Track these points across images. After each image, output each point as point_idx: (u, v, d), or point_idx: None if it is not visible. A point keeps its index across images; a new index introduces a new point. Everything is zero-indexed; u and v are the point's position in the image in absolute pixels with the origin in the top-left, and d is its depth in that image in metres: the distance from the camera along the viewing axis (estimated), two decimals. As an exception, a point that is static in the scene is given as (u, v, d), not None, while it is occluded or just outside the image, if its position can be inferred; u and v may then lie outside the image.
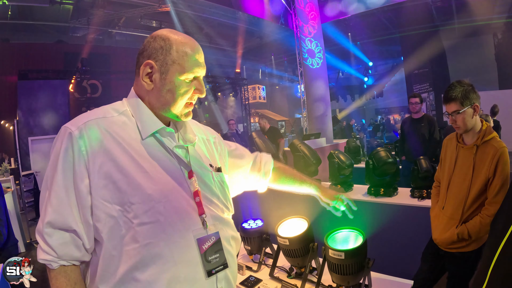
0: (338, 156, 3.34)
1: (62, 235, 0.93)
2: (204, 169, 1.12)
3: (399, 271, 1.81)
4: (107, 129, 0.98)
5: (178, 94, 1.02)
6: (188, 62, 1.02)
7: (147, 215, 0.93)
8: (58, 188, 0.92)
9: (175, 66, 1.01)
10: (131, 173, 0.94)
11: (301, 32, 8.78)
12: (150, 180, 0.96)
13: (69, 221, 0.92)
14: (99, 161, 0.93)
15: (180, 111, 1.05)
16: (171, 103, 1.03)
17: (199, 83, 1.06)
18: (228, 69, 18.61)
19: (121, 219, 0.92)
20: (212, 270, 1.00)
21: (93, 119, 0.98)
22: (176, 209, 0.98)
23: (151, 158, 0.99)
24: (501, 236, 0.69)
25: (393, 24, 14.32)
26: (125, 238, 0.92)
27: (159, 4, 11.74)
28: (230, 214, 1.19)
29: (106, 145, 0.95)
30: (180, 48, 1.02)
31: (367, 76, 19.93)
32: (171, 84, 1.01)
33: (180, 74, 1.01)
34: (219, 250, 1.03)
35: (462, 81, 1.94)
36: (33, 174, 6.44)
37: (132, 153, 0.97)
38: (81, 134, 0.94)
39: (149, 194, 0.94)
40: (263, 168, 1.45)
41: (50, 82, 10.61)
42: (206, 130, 1.31)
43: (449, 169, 2.07)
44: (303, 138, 7.20)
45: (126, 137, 0.99)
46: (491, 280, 0.69)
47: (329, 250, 1.50)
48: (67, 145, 0.93)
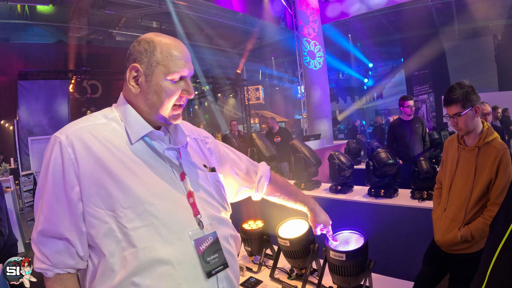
0: (338, 157, 3.34)
1: (55, 243, 0.93)
2: (198, 170, 1.12)
3: (400, 273, 1.81)
4: (96, 135, 0.97)
5: (164, 95, 1.00)
6: (172, 62, 0.99)
7: (140, 219, 0.92)
8: (49, 197, 0.93)
9: (160, 67, 0.99)
10: (122, 177, 0.94)
11: (301, 33, 8.80)
12: (141, 184, 0.95)
13: (61, 229, 0.93)
14: (89, 168, 0.93)
15: (168, 114, 1.03)
16: (158, 105, 1.01)
17: (187, 84, 1.03)
18: (228, 70, 18.62)
19: (114, 225, 0.92)
20: (212, 271, 0.99)
21: (82, 126, 0.99)
22: (169, 211, 0.97)
23: (142, 162, 0.99)
24: (500, 236, 0.69)
25: (393, 25, 14.33)
26: (121, 243, 0.92)
27: (159, 5, 11.74)
28: (228, 213, 1.18)
29: (95, 151, 0.95)
30: (164, 49, 1.00)
31: (367, 77, 19.94)
32: (157, 86, 0.99)
33: (166, 75, 0.99)
34: (218, 250, 1.02)
35: (462, 83, 1.93)
36: (33, 174, 6.42)
37: (122, 158, 0.97)
38: (69, 142, 0.94)
39: (140, 197, 0.94)
40: (257, 182, 1.42)
41: (50, 82, 10.60)
42: (199, 131, 1.30)
43: (450, 171, 2.06)
44: (303, 139, 7.21)
45: (116, 143, 0.99)
46: (490, 280, 0.69)
47: (330, 251, 1.50)
48: (56, 154, 0.94)
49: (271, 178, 1.47)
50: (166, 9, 11.56)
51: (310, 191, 3.61)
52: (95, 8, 11.37)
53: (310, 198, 1.52)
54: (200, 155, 1.19)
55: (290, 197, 1.49)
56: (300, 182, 3.69)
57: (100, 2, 11.09)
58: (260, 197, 1.49)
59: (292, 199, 1.49)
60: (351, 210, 3.18)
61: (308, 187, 3.65)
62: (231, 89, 16.84)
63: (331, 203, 3.28)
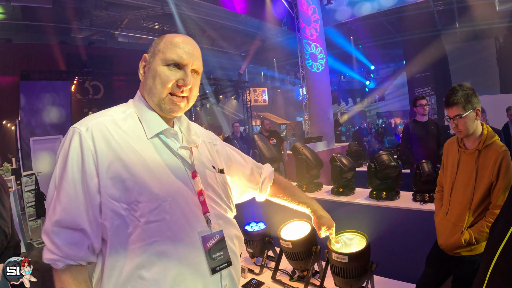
0: (340, 160, 3.34)
1: (70, 234, 0.93)
2: (208, 170, 1.14)
3: (402, 275, 1.81)
4: (114, 129, 1.00)
5: (158, 80, 1.03)
6: (171, 49, 1.04)
7: (154, 214, 0.94)
8: (68, 187, 0.94)
9: (160, 54, 1.05)
10: (138, 172, 0.96)
11: (303, 35, 8.80)
12: (157, 179, 0.97)
13: (78, 220, 0.93)
14: (107, 160, 0.95)
15: (164, 102, 1.05)
16: (153, 90, 1.05)
17: (184, 73, 1.05)
18: (230, 71, 18.64)
19: (128, 218, 0.93)
20: (217, 268, 1.01)
21: (101, 120, 1.01)
22: (181, 208, 0.99)
23: (157, 158, 1.01)
24: (500, 238, 0.69)
25: (395, 28, 14.34)
26: (131, 236, 0.93)
27: (162, 6, 11.76)
28: (233, 214, 1.20)
29: (113, 145, 0.97)
30: (168, 39, 1.07)
31: (369, 79, 19.96)
32: (154, 71, 1.05)
33: (162, 61, 1.04)
34: (223, 248, 1.05)
35: (463, 85, 1.93)
36: (35, 175, 6.43)
37: (138, 152, 0.99)
38: (89, 134, 0.96)
39: (155, 193, 0.95)
40: (260, 183, 1.46)
41: (52, 82, 10.61)
42: (208, 134, 1.33)
43: (451, 174, 2.06)
44: (305, 141, 7.23)
45: (133, 137, 1.01)
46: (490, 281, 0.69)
47: (332, 253, 1.50)
48: (75, 144, 0.95)
49: (275, 179, 1.50)
50: (169, 10, 11.56)
51: (312, 193, 3.61)
52: (98, 10, 11.40)
53: (313, 200, 1.53)
54: (209, 156, 1.22)
55: (293, 199, 1.50)
56: (301, 184, 3.69)
57: (103, 4, 11.12)
58: (264, 198, 1.51)
59: (295, 201, 1.50)
60: (352, 213, 3.18)
61: (310, 189, 3.65)
62: (233, 91, 16.86)
63: (333, 205, 3.28)
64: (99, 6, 11.21)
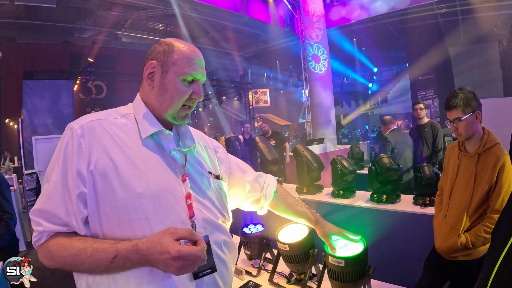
0: (341, 162, 3.33)
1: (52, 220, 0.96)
2: (201, 174, 1.14)
3: (400, 279, 1.79)
4: (108, 129, 1.03)
5: (175, 94, 1.06)
6: (187, 64, 1.06)
7: (136, 212, 0.96)
8: (57, 179, 0.97)
9: (175, 67, 1.06)
10: (125, 172, 0.98)
11: (306, 37, 8.80)
12: (143, 179, 0.99)
13: (60, 212, 0.96)
14: (96, 158, 0.98)
15: (177, 113, 1.09)
16: (168, 103, 1.07)
17: (198, 87, 1.10)
18: (233, 73, 18.68)
19: (112, 213, 0.96)
20: (199, 273, 0.99)
21: (96, 119, 1.05)
22: (165, 209, 1.00)
23: (148, 158, 1.03)
24: (501, 246, 0.68)
25: (398, 30, 14.32)
26: (115, 231, 0.96)
27: (165, 7, 11.80)
28: (227, 222, 1.19)
29: (104, 144, 1.00)
30: (181, 51, 1.07)
31: (371, 82, 19.94)
32: (170, 84, 1.06)
33: (179, 75, 1.06)
34: (208, 254, 1.02)
35: (463, 89, 1.94)
36: (36, 173, 6.46)
37: (128, 153, 1.02)
38: (82, 132, 1.00)
39: (139, 193, 0.97)
40: (265, 189, 1.44)
41: (56, 82, 10.69)
42: (211, 141, 1.36)
43: (451, 177, 2.06)
44: (307, 143, 7.22)
45: (125, 138, 1.04)
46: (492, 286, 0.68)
47: (329, 257, 1.49)
48: (68, 140, 1.00)
49: (278, 188, 1.49)
50: (172, 11, 11.61)
51: (312, 195, 3.59)
52: (101, 10, 11.46)
53: (313, 211, 1.52)
54: (207, 162, 1.22)
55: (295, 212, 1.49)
56: (302, 186, 3.68)
57: (106, 4, 11.17)
58: (265, 211, 1.49)
59: (298, 214, 1.49)
60: (352, 215, 3.17)
61: (311, 191, 3.64)
62: (235, 92, 16.88)
63: (333, 208, 3.26)
64: (102, 6, 11.27)
